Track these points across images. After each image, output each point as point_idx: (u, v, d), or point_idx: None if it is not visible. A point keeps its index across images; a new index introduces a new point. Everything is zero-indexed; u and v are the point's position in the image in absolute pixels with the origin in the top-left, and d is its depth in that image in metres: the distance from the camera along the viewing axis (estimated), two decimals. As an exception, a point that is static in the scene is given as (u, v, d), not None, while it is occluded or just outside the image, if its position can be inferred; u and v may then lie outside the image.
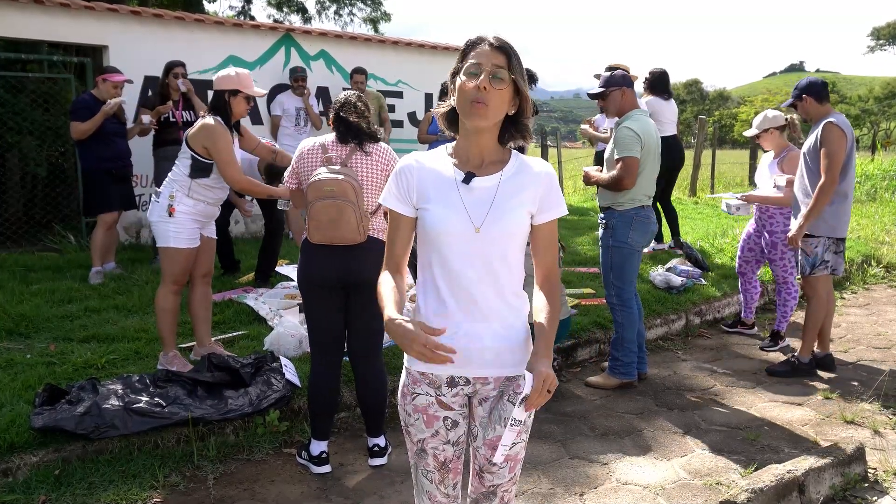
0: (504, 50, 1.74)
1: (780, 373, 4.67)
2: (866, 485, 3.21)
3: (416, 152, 1.89)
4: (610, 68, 7.67)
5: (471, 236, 1.77)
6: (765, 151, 5.37)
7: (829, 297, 4.61)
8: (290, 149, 7.51)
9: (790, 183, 4.76)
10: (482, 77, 1.71)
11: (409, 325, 1.64)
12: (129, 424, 3.26)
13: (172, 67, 6.13)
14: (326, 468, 3.30)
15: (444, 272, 1.81)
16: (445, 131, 1.87)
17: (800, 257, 4.55)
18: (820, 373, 4.68)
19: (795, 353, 4.71)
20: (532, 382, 1.64)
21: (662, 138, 7.32)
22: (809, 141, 4.45)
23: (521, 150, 1.94)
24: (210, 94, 7.57)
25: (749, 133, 5.33)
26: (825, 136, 4.29)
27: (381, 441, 3.41)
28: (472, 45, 1.76)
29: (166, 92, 6.13)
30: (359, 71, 8.26)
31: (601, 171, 4.41)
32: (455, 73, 1.78)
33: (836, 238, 4.45)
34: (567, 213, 1.90)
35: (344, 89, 5.78)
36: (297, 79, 7.93)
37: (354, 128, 3.22)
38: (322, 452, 3.30)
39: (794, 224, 4.47)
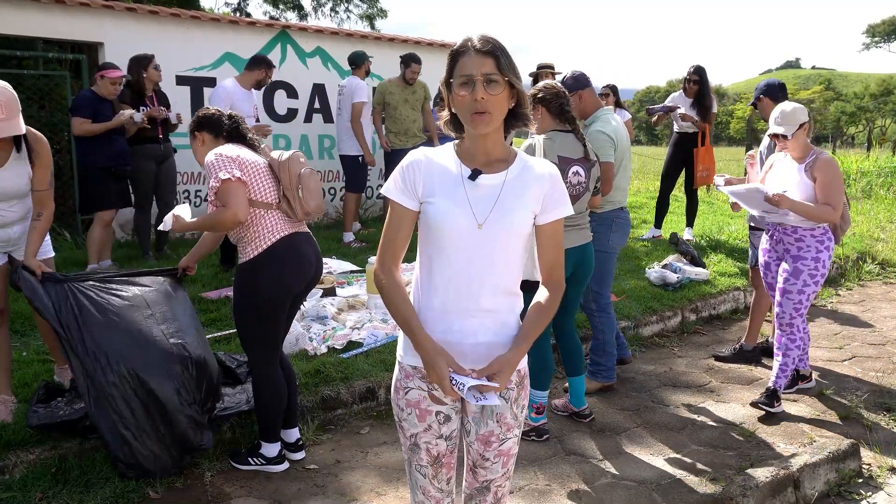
0: (491, 53, 1.73)
1: (726, 358, 4.94)
2: (861, 480, 3.24)
3: (423, 148, 1.90)
4: (532, 74, 7.67)
5: (473, 232, 1.79)
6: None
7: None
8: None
9: (728, 182, 4.22)
10: (477, 88, 1.71)
11: (446, 364, 1.75)
12: (126, 422, 3.26)
13: (150, 61, 6.03)
14: (286, 465, 3.30)
15: (443, 267, 1.82)
16: (452, 134, 1.88)
17: (749, 250, 4.80)
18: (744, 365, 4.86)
19: (742, 341, 4.97)
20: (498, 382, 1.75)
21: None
22: (767, 142, 4.59)
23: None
24: (207, 91, 7.66)
25: (778, 131, 3.94)
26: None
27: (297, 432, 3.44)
28: (458, 54, 1.76)
29: (140, 87, 6.06)
30: (416, 60, 7.60)
31: None
32: (447, 83, 1.79)
33: None
34: (573, 212, 1.92)
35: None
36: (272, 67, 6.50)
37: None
38: (280, 451, 3.29)
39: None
